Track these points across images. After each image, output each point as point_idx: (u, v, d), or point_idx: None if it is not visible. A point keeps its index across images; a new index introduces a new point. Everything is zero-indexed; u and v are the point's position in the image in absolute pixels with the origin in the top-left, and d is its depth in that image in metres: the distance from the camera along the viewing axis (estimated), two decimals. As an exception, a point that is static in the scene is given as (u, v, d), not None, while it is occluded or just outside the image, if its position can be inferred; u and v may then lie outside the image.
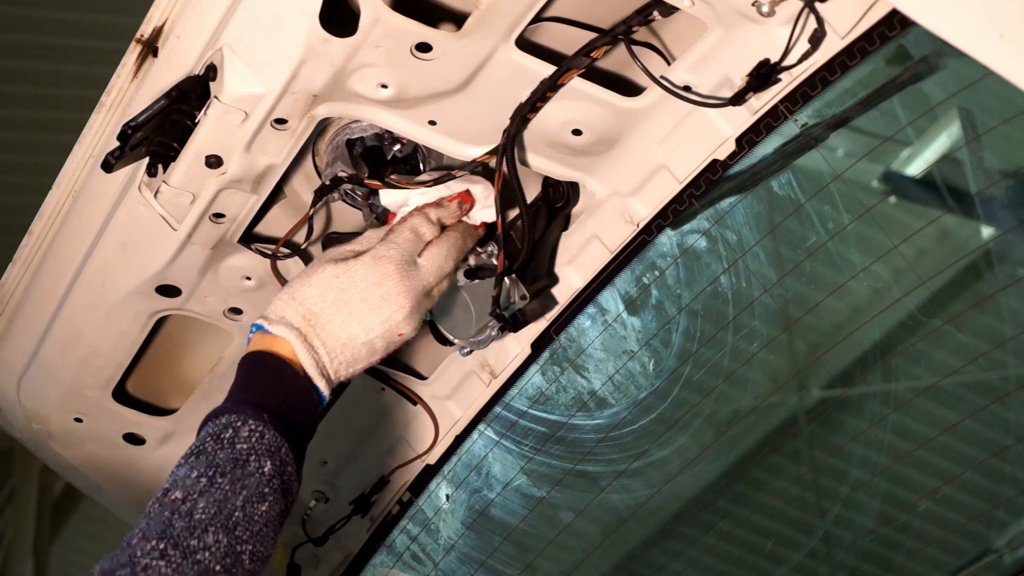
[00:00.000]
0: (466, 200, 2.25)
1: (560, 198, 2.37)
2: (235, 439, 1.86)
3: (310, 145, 2.27)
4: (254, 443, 1.86)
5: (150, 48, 2.08)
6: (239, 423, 1.88)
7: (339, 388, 2.21)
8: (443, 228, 2.21)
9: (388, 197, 2.27)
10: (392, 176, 2.25)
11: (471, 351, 2.44)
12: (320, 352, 2.02)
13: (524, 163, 2.26)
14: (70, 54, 7.06)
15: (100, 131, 2.17)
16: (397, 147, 2.28)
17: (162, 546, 1.70)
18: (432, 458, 2.67)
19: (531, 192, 2.34)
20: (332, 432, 2.61)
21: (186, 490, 1.78)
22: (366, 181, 2.22)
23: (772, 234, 2.47)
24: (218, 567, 1.73)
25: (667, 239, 2.39)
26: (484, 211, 2.27)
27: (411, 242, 2.14)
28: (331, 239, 2.35)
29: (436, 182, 2.24)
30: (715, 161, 2.21)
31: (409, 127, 2.19)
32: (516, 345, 2.50)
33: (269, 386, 1.96)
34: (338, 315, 2.04)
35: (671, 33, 2.17)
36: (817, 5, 1.94)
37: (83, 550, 10.43)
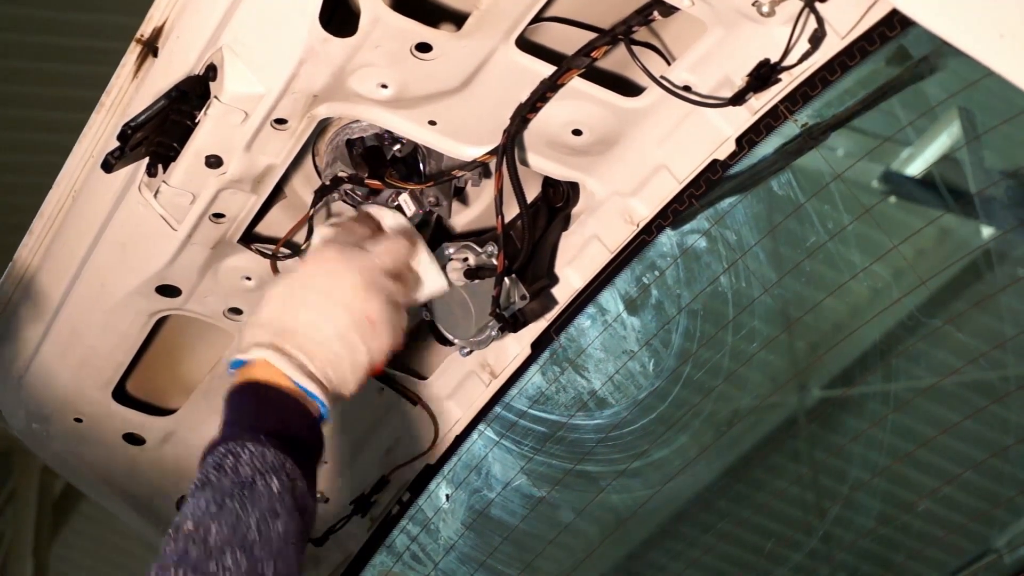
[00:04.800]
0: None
1: (560, 198, 2.36)
2: (237, 465, 1.81)
3: (310, 145, 2.27)
4: (257, 465, 1.82)
5: (150, 48, 2.08)
6: (238, 448, 1.83)
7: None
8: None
9: None
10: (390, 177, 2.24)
11: (471, 351, 2.43)
12: (299, 356, 1.93)
13: (524, 163, 2.25)
14: (70, 54, 7.06)
15: (100, 131, 2.16)
16: (397, 147, 2.28)
17: (180, 574, 1.66)
18: (432, 458, 2.67)
19: (531, 192, 2.34)
20: (332, 432, 2.60)
21: (197, 519, 1.74)
22: (366, 181, 2.22)
23: (772, 234, 2.47)
24: None
25: (667, 239, 2.39)
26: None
27: (348, 231, 2.09)
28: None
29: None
30: (715, 161, 2.21)
31: (409, 127, 2.18)
32: (516, 345, 2.50)
33: (259, 410, 1.91)
34: (300, 316, 1.96)
35: (671, 33, 2.16)
36: (817, 5, 1.94)
37: (83, 550, 10.43)
